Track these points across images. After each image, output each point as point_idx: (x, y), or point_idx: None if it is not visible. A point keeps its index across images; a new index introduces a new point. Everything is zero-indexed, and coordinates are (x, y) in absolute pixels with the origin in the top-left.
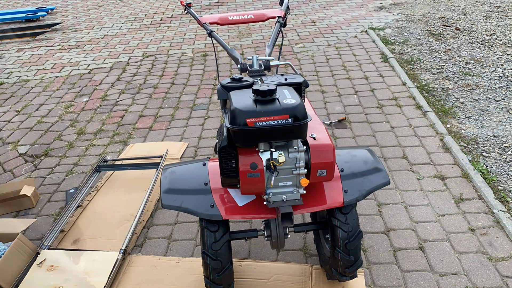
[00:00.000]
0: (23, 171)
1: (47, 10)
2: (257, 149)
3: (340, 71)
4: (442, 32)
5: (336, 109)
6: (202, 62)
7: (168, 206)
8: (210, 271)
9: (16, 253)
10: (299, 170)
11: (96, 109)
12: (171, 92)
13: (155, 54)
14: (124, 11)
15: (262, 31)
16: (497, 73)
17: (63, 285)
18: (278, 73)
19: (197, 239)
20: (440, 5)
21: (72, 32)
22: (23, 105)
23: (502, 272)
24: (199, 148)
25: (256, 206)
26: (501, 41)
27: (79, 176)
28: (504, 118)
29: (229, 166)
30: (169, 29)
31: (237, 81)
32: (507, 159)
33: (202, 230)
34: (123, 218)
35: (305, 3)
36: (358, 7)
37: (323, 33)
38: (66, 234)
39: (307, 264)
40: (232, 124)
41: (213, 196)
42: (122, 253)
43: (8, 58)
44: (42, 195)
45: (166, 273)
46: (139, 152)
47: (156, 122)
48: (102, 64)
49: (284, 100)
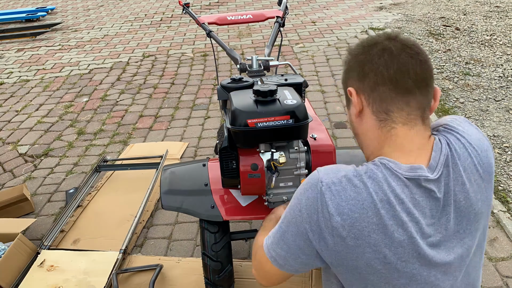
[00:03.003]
0: (23, 171)
1: (47, 10)
2: (258, 150)
3: (340, 71)
4: (442, 32)
5: (336, 109)
6: (202, 62)
7: (168, 207)
8: (210, 272)
9: (16, 253)
10: (300, 170)
11: (96, 109)
12: (171, 92)
13: (155, 54)
14: (124, 11)
15: (262, 31)
16: (497, 73)
17: (63, 285)
18: (277, 73)
19: (197, 239)
20: (440, 5)
21: (72, 32)
22: (23, 105)
23: (502, 272)
24: (199, 148)
25: (257, 206)
26: (501, 41)
27: (79, 176)
28: (504, 118)
29: (230, 167)
30: (169, 29)
31: (237, 82)
32: (507, 159)
33: (202, 231)
34: (123, 218)
35: (305, 3)
36: (358, 7)
37: (323, 33)
38: (66, 234)
39: None
40: (232, 124)
41: (214, 197)
42: (122, 253)
43: (8, 58)
44: (42, 195)
45: (166, 273)
46: (139, 152)
47: (156, 122)
48: (102, 64)
49: (285, 100)
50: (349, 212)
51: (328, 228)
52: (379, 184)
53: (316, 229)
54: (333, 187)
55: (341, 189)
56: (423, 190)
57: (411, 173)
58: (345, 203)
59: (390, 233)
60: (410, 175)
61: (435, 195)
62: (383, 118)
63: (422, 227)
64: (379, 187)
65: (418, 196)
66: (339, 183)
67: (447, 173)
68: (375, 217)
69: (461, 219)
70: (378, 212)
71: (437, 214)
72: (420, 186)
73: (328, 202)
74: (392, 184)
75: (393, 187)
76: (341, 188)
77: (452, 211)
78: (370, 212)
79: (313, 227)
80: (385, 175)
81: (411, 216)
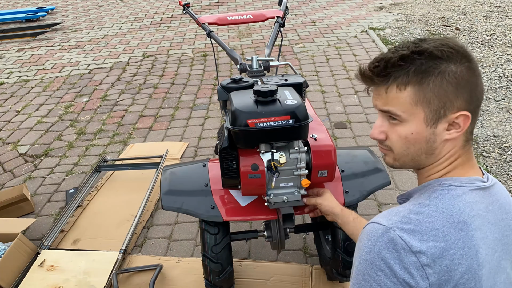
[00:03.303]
0: (23, 171)
1: (47, 10)
2: (258, 150)
3: (340, 71)
4: (442, 32)
5: (336, 109)
6: (202, 62)
7: (168, 207)
8: (210, 273)
9: (16, 253)
10: (300, 171)
11: (96, 109)
12: (171, 92)
13: (155, 54)
14: (124, 11)
15: (262, 31)
16: (497, 73)
17: (63, 285)
18: (277, 73)
19: (197, 239)
20: (440, 5)
21: (72, 32)
22: (23, 105)
23: None
24: (199, 148)
25: (257, 207)
26: (501, 41)
27: (79, 176)
28: (504, 118)
29: (230, 167)
30: (169, 29)
31: (237, 82)
32: (507, 159)
33: (202, 232)
34: (123, 218)
35: (305, 3)
36: (358, 7)
37: (323, 33)
38: (66, 234)
39: (307, 264)
40: (233, 125)
41: (214, 198)
42: (122, 253)
43: (8, 58)
44: (42, 195)
45: (166, 273)
46: (139, 152)
47: (156, 122)
48: (102, 64)
49: (285, 101)
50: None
51: (418, 269)
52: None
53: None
54: (406, 226)
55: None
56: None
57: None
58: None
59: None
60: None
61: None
62: (469, 138)
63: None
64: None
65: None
66: (408, 221)
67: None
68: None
69: None
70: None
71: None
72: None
73: (410, 242)
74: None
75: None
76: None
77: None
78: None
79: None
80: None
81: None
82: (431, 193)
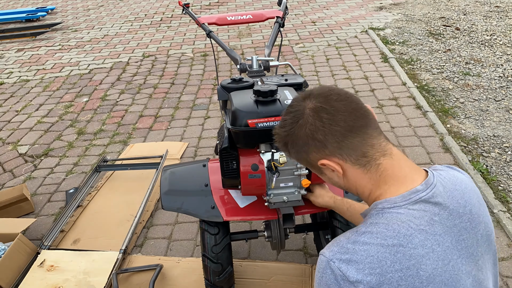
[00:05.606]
0: (23, 171)
1: (47, 10)
2: (258, 150)
3: (340, 71)
4: (442, 32)
5: None
6: (202, 62)
7: (168, 208)
8: (210, 273)
9: (16, 253)
10: (300, 171)
11: (96, 109)
12: (171, 92)
13: (155, 54)
14: (124, 11)
15: (262, 31)
16: (497, 73)
17: (63, 285)
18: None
19: (197, 239)
20: (440, 5)
21: (72, 32)
22: (23, 105)
23: (502, 272)
24: (199, 148)
25: (257, 207)
26: (501, 41)
27: (79, 176)
28: (504, 118)
29: (230, 167)
30: (169, 29)
31: (237, 82)
32: (507, 159)
33: (202, 232)
34: (123, 218)
35: (305, 3)
36: (358, 7)
37: (323, 33)
38: (66, 234)
39: (307, 264)
40: (233, 125)
41: (214, 198)
42: (122, 253)
43: (8, 58)
44: (42, 195)
45: (166, 273)
46: (139, 152)
47: (156, 122)
48: (102, 64)
49: (285, 101)
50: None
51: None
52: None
53: None
54: (343, 257)
55: (352, 254)
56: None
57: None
58: (362, 265)
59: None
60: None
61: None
62: (366, 161)
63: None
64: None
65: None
66: (346, 251)
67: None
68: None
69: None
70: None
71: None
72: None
73: (346, 273)
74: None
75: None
76: (351, 254)
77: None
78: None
79: None
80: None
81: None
82: (368, 219)
